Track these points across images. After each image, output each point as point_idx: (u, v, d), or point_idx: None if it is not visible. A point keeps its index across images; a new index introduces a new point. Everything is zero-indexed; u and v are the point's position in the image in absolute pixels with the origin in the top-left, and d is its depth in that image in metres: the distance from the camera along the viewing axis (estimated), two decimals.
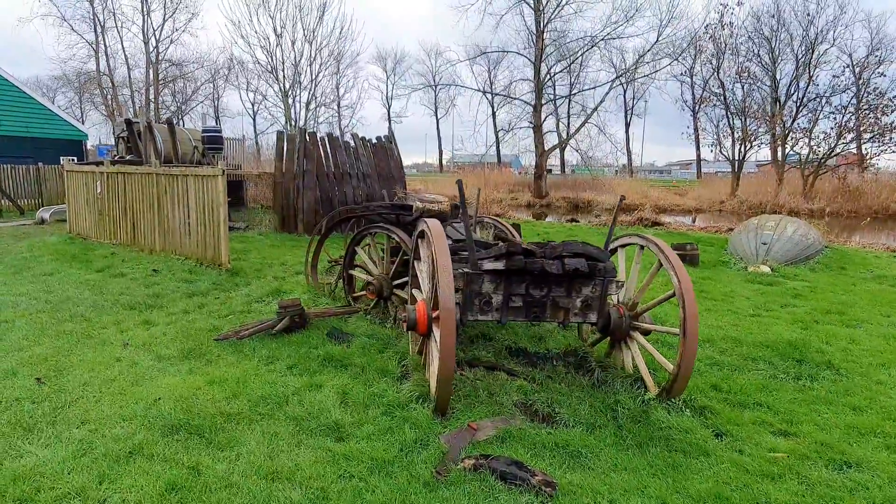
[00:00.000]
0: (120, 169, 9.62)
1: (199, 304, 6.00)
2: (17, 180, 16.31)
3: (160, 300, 6.13)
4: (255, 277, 7.56)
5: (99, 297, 6.19)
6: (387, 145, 14.53)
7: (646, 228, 15.22)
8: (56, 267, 7.88)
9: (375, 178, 13.76)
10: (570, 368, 4.30)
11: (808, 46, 32.03)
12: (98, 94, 39.80)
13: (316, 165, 12.46)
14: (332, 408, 3.42)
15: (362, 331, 5.04)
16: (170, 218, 8.67)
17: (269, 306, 5.95)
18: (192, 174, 8.14)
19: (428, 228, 3.50)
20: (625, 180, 39.72)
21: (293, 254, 9.77)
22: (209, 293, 6.57)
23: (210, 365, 4.16)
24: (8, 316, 5.32)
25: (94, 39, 29.28)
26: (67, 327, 5.01)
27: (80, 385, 3.69)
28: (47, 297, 6.18)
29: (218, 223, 7.68)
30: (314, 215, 12.44)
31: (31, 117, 22.25)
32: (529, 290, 3.84)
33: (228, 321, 5.36)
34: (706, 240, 12.56)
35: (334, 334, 4.87)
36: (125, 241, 9.68)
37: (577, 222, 17.67)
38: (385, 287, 5.23)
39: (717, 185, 39.09)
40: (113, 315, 5.47)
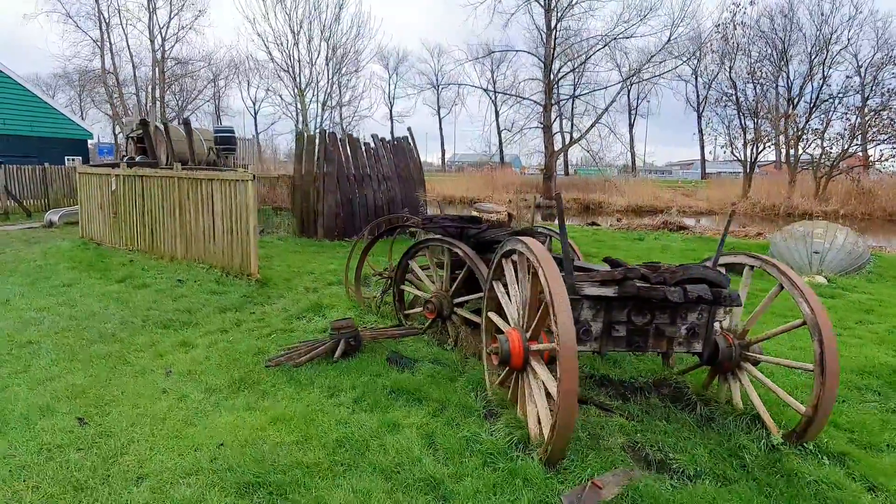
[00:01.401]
0: (137, 171, 9.16)
1: (235, 322, 5.54)
2: (23, 181, 15.83)
3: (192, 316, 5.68)
4: (286, 289, 7.11)
5: (126, 313, 5.73)
6: (406, 146, 14.08)
7: (671, 233, 14.79)
8: (74, 276, 7.41)
9: (396, 179, 13.31)
10: (665, 401, 3.86)
11: (822, 46, 31.62)
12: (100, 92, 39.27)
13: (336, 167, 12.01)
14: (421, 456, 2.98)
15: (423, 354, 4.60)
16: (193, 224, 8.21)
17: (311, 324, 5.50)
18: (219, 178, 7.68)
19: (531, 251, 3.06)
20: (632, 181, 39.27)
21: (318, 261, 9.32)
22: (242, 307, 6.12)
23: (267, 398, 3.71)
24: (32, 336, 4.86)
25: (98, 37, 28.77)
26: (99, 350, 4.55)
27: (127, 425, 3.24)
28: (70, 311, 5.72)
29: (247, 231, 7.22)
30: (334, 219, 12.00)
31: (36, 116, 21.75)
32: (631, 318, 3.41)
33: (272, 342, 4.92)
34: (739, 245, 12.14)
35: (395, 359, 4.42)
36: (142, 248, 9.22)
37: (598, 226, 17.24)
38: (445, 306, 4.79)
39: (726, 187, 38.68)
40: (146, 335, 5.01)
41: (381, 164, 13.01)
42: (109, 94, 30.25)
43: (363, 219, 12.49)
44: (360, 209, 12.39)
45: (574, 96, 31.48)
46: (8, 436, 3.05)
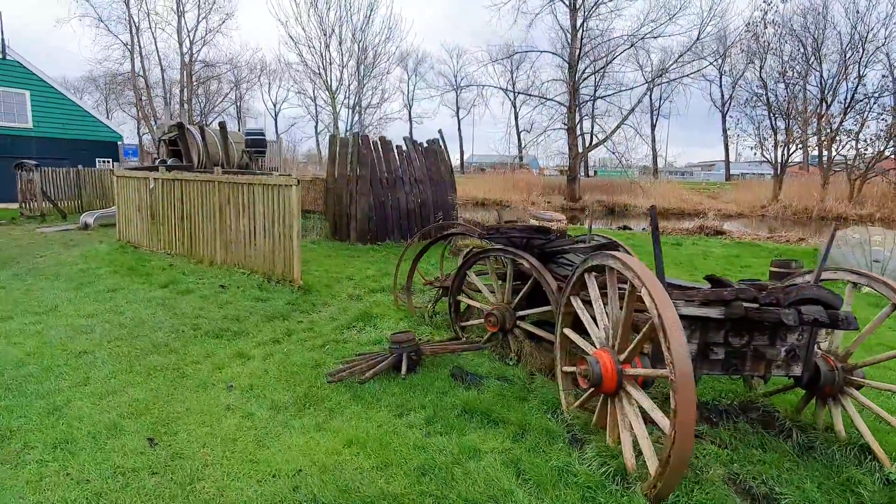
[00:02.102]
0: (177, 175, 9.13)
1: (285, 331, 5.41)
2: (57, 183, 16.05)
3: (241, 325, 5.56)
4: (329, 296, 6.98)
5: (175, 321, 5.64)
6: (437, 149, 13.92)
7: (708, 238, 14.37)
8: (117, 281, 7.39)
9: (427, 183, 13.16)
10: (756, 427, 3.61)
11: (857, 45, 30.67)
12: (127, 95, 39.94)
13: (370, 170, 11.89)
14: (512, 487, 2.78)
15: (486, 370, 4.40)
16: (233, 229, 8.14)
17: (363, 334, 5.35)
18: (261, 183, 7.59)
19: (631, 269, 2.84)
20: (657, 183, 38.60)
21: (354, 266, 9.20)
22: (289, 315, 5.99)
23: (335, 417, 3.55)
24: (85, 345, 4.78)
25: (129, 40, 29.21)
26: (155, 361, 4.45)
27: (198, 446, 3.11)
28: (119, 319, 5.65)
29: (291, 237, 7.11)
30: (367, 223, 11.89)
31: (68, 119, 22.13)
32: (729, 339, 3.18)
33: (327, 353, 4.77)
34: (785, 252, 11.72)
35: (459, 375, 4.23)
36: (181, 252, 9.19)
37: (630, 229, 16.87)
38: (508, 319, 4.59)
39: (755, 189, 37.80)
40: (199, 344, 4.91)
41: (412, 166, 12.87)
42: (138, 97, 30.72)
43: (395, 222, 12.37)
44: (393, 212, 12.26)
45: (599, 97, 31.01)
46: (79, 457, 2.94)
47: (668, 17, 28.08)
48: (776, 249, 12.33)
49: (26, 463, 2.88)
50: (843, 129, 27.99)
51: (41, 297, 6.48)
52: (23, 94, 20.56)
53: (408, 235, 12.55)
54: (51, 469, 2.84)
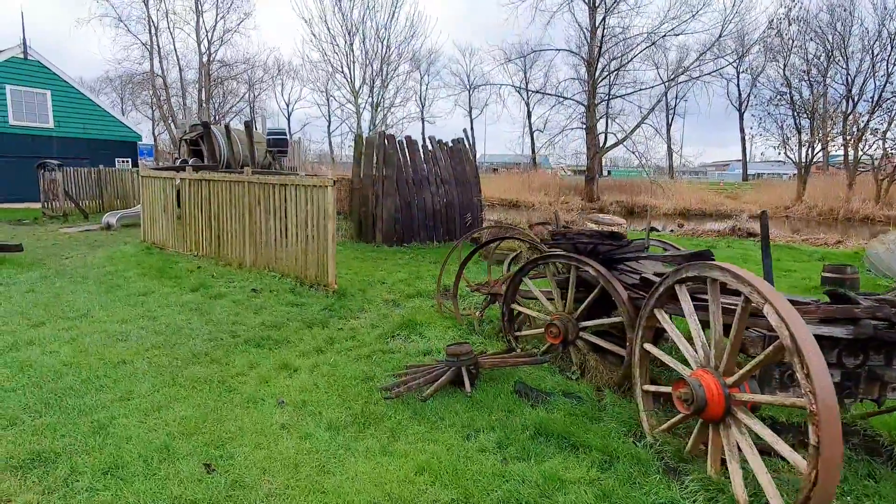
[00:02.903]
0: (204, 175, 8.94)
1: (327, 340, 5.15)
2: (79, 183, 16.00)
3: (281, 332, 5.31)
4: (364, 301, 6.72)
5: (212, 327, 5.41)
6: (463, 148, 13.62)
7: (741, 240, 13.93)
8: (147, 285, 7.19)
9: (453, 183, 12.87)
10: (859, 454, 3.27)
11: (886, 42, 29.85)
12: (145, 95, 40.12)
13: (396, 171, 11.63)
14: None
15: (548, 384, 4.11)
16: (263, 231, 7.91)
17: (410, 344, 5.07)
18: (293, 184, 7.36)
19: (749, 283, 2.52)
20: (676, 183, 37.99)
21: (384, 269, 8.94)
22: (328, 322, 5.74)
23: (398, 439, 3.27)
24: (123, 354, 4.56)
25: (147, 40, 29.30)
26: (198, 372, 4.21)
27: (259, 473, 2.84)
28: (154, 325, 5.43)
29: (326, 239, 6.86)
30: (393, 224, 11.63)
31: (88, 118, 22.17)
32: (842, 359, 2.85)
33: (375, 364, 4.50)
34: (828, 256, 11.27)
35: (523, 391, 3.94)
36: (208, 254, 9.00)
37: (657, 230, 16.44)
38: (571, 330, 4.28)
39: (776, 189, 37.08)
40: (241, 354, 4.66)
41: (438, 166, 12.59)
42: (157, 97, 30.79)
43: (422, 224, 12.10)
44: (419, 213, 11.99)
45: (619, 96, 30.51)
46: (133, 485, 2.69)
47: (691, 14, 27.53)
48: (815, 252, 11.88)
49: (76, 492, 2.64)
50: (870, 128, 27.28)
51: (72, 300, 6.29)
52: (44, 94, 20.62)
53: (434, 237, 12.29)
54: (103, 499, 2.59)
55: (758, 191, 37.81)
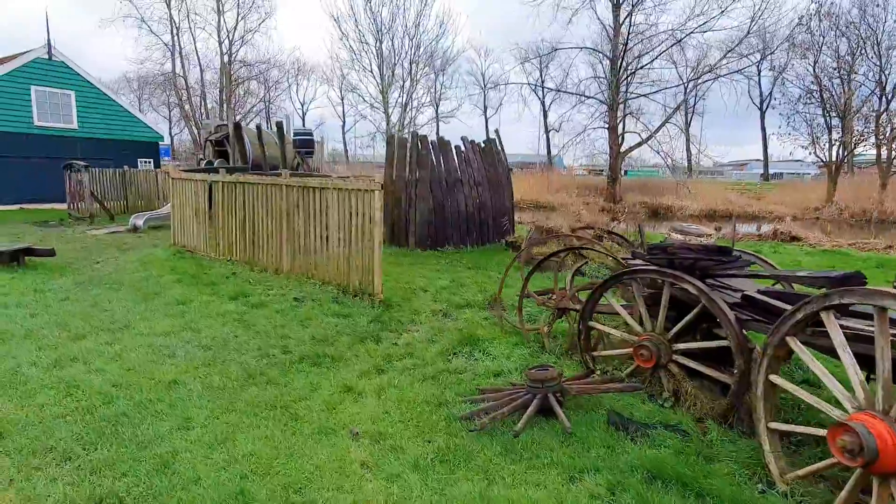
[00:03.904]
0: (239, 178, 8.65)
1: (384, 357, 4.80)
2: (104, 184, 15.88)
3: (334, 348, 4.97)
4: (412, 311, 6.37)
5: (260, 341, 5.09)
6: (495, 149, 13.23)
7: (785, 244, 13.34)
8: (184, 292, 6.90)
9: (486, 185, 12.47)
10: None
11: None
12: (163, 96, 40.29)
13: (429, 172, 11.27)
14: None
15: (642, 414, 3.71)
16: (301, 236, 7.59)
17: (477, 363, 4.70)
18: (336, 187, 7.02)
19: None
20: (699, 183, 37.20)
21: (423, 275, 8.57)
22: (381, 337, 5.38)
23: (495, 482, 2.90)
24: (173, 372, 4.24)
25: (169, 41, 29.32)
26: (256, 396, 3.87)
27: None
28: (199, 339, 5.13)
29: (372, 247, 6.52)
30: (427, 227, 11.27)
31: (111, 119, 22.14)
32: None
33: (444, 387, 4.13)
34: (884, 262, 10.69)
35: (620, 423, 3.54)
36: (241, 259, 8.71)
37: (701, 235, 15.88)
38: (664, 353, 3.88)
39: (803, 189, 36.17)
40: (298, 374, 4.32)
41: (471, 168, 12.20)
42: (179, 97, 30.81)
43: (455, 227, 11.73)
44: (452, 217, 11.62)
45: (642, 95, 29.86)
46: None
47: (720, 11, 26.77)
48: (869, 258, 11.29)
49: None
50: None
51: (110, 310, 6.02)
52: (68, 95, 20.60)
53: (467, 241, 11.92)
54: None
55: (782, 191, 36.91)
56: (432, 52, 29.43)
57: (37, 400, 3.69)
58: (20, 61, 19.33)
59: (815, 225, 25.11)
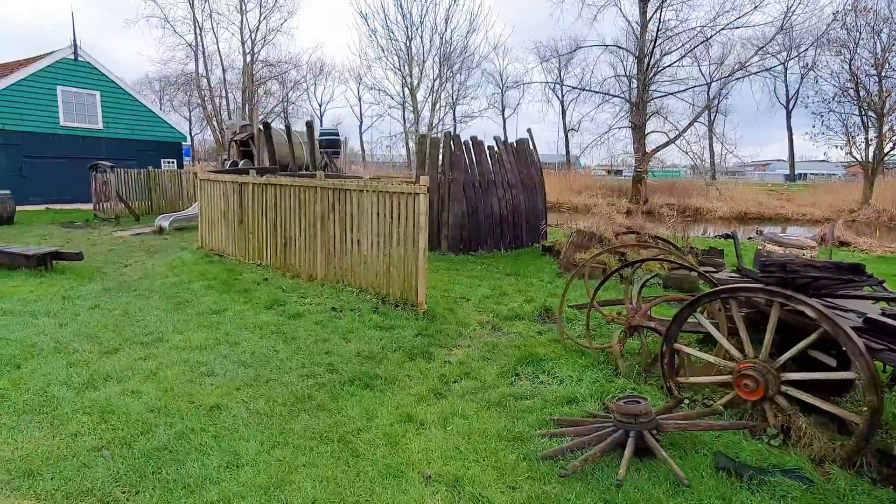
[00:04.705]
0: (270, 179, 8.31)
1: (439, 378, 4.37)
2: (129, 184, 15.74)
3: (383, 366, 4.56)
4: (458, 324, 5.93)
5: (303, 357, 4.70)
6: (527, 149, 12.74)
7: (835, 250, 12.62)
8: (216, 300, 6.56)
9: (520, 187, 12.00)
10: None
11: None
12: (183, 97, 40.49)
13: (462, 173, 10.83)
14: None
15: (748, 454, 3.22)
16: (337, 241, 7.21)
17: (541, 385, 4.24)
18: (374, 189, 6.62)
19: None
20: (728, 184, 36.16)
21: (462, 283, 8.14)
22: (431, 353, 4.95)
23: None
24: (214, 395, 3.86)
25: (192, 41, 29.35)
26: (308, 425, 3.47)
27: None
28: (237, 354, 4.75)
29: (416, 254, 6.10)
30: (460, 230, 10.83)
31: (135, 119, 22.12)
32: None
33: (514, 417, 3.68)
34: None
35: (729, 467, 3.06)
36: (272, 263, 8.37)
37: (731, 237, 15.20)
38: (772, 383, 3.38)
39: (836, 191, 34.98)
40: (349, 398, 3.91)
41: (504, 169, 11.74)
42: (202, 98, 30.85)
43: (489, 230, 11.28)
44: (486, 220, 11.17)
45: (671, 93, 29.07)
46: None
47: (753, 6, 25.87)
48: None
49: None
50: None
51: (142, 320, 5.69)
52: (94, 95, 20.60)
53: (501, 245, 11.46)
54: None
55: (813, 192, 35.77)
56: (463, 49, 28.93)
57: (69, 428, 3.34)
58: (46, 62, 19.36)
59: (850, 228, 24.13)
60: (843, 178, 50.72)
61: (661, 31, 27.32)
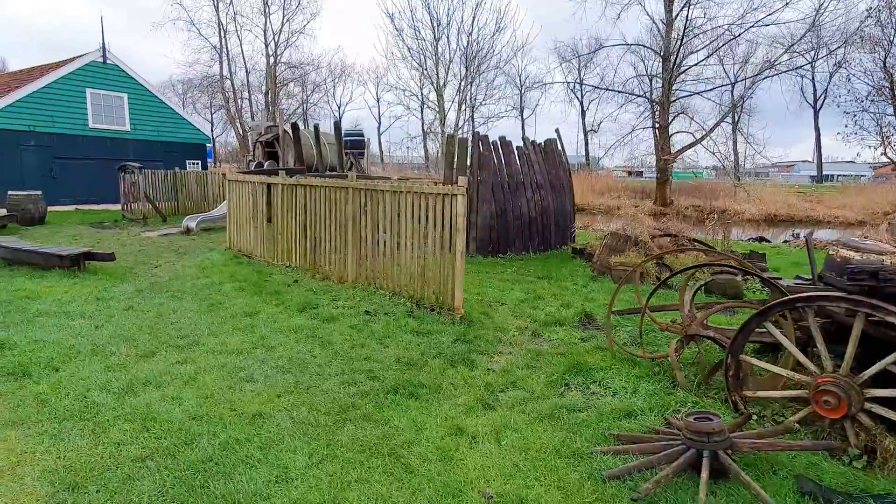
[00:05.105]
0: (300, 180, 8.22)
1: (485, 387, 4.18)
2: (156, 186, 15.88)
3: (424, 374, 4.39)
4: (496, 329, 5.74)
5: (342, 364, 4.56)
6: (556, 150, 12.49)
7: None
8: (248, 302, 6.48)
9: (548, 188, 11.76)
10: None
11: None
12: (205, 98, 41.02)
13: (491, 174, 10.64)
14: None
15: (830, 476, 2.97)
16: (369, 242, 7.08)
17: (594, 397, 4.02)
18: (408, 190, 6.47)
19: None
20: (756, 186, 35.30)
21: (492, 286, 7.94)
22: (472, 360, 4.77)
23: None
24: (255, 402, 3.74)
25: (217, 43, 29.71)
26: (353, 436, 3.32)
27: None
28: (275, 359, 4.63)
29: (454, 257, 5.93)
30: (488, 232, 10.64)
31: (161, 121, 22.38)
32: None
33: (570, 430, 3.48)
34: None
35: (814, 492, 2.81)
36: (301, 265, 8.28)
37: (767, 241, 14.74)
38: (855, 399, 3.12)
39: (866, 193, 33.91)
40: (395, 408, 3.75)
41: (533, 170, 11.51)
42: (226, 100, 31.21)
43: (517, 233, 11.06)
44: (515, 222, 10.96)
45: (697, 93, 28.47)
46: None
47: (784, 3, 25.15)
48: None
49: None
50: None
51: (176, 322, 5.62)
52: (121, 98, 20.90)
53: (529, 247, 11.24)
54: None
55: (843, 194, 34.74)
56: (490, 48, 28.71)
57: (112, 436, 3.23)
58: (76, 64, 19.69)
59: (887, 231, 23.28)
60: (871, 180, 49.23)
61: (688, 29, 26.76)
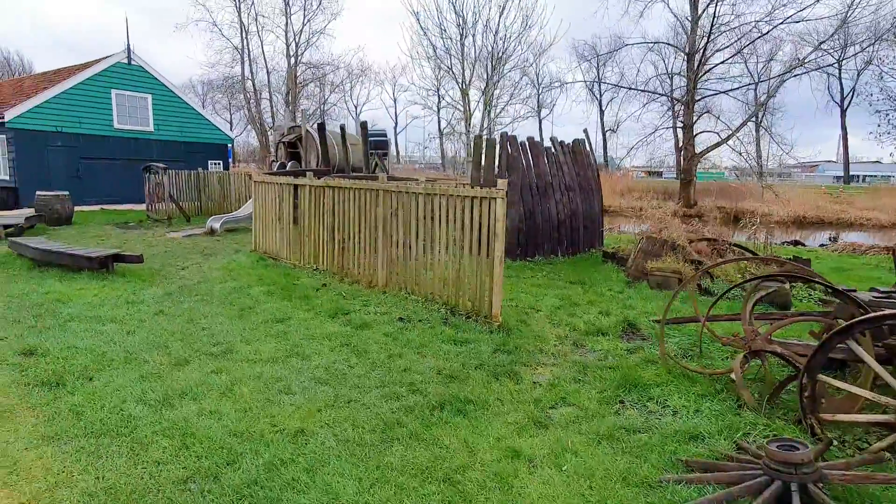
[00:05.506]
0: (328, 182, 8.07)
1: (533, 402, 3.95)
2: (180, 186, 15.94)
3: (468, 387, 4.17)
4: (535, 338, 5.50)
5: (381, 375, 4.37)
6: (584, 151, 12.19)
7: None
8: (278, 307, 6.34)
9: (577, 190, 11.47)
10: None
11: None
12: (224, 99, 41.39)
13: (520, 176, 10.39)
14: None
15: None
16: (401, 246, 6.89)
17: (653, 416, 3.77)
18: (444, 193, 6.27)
19: None
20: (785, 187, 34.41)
21: (525, 290, 7.70)
22: (515, 372, 4.54)
23: None
24: (295, 417, 3.56)
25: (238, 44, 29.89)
26: (403, 458, 3.11)
27: None
28: (311, 369, 4.46)
29: (492, 263, 5.71)
30: (517, 235, 10.39)
31: (184, 121, 22.53)
32: None
33: (632, 454, 3.23)
34: None
35: None
36: (329, 268, 8.13)
37: (803, 245, 14.24)
38: None
39: None
40: (443, 426, 3.54)
41: (562, 171, 11.23)
42: (247, 100, 31.41)
43: (546, 235, 10.80)
44: (543, 224, 10.69)
45: (723, 91, 27.84)
46: None
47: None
48: None
49: None
50: None
51: (208, 328, 5.49)
52: (145, 98, 21.08)
53: (558, 250, 10.96)
54: None
55: (872, 196, 33.72)
56: (516, 47, 28.38)
57: (150, 454, 3.08)
58: (102, 66, 19.90)
59: None
60: None
61: (715, 26, 26.14)
